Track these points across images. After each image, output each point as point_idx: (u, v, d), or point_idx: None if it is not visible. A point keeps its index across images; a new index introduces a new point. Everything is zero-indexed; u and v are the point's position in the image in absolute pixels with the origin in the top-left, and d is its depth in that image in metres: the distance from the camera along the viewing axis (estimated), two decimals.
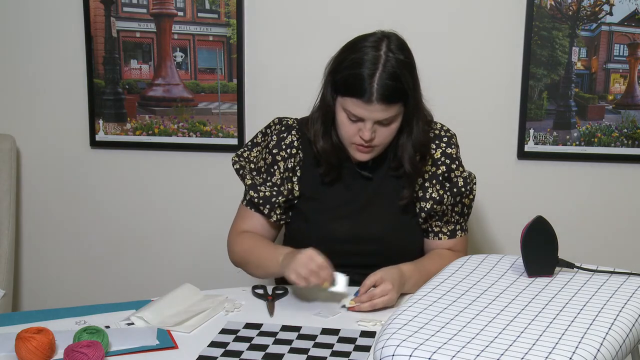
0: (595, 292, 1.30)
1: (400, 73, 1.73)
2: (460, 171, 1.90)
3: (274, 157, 1.91)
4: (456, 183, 1.88)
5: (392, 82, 1.72)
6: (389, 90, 1.71)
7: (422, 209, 1.88)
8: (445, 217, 1.91)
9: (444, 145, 1.89)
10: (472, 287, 1.33)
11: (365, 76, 1.71)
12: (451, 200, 1.88)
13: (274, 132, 1.94)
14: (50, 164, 2.64)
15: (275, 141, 1.92)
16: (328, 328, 1.61)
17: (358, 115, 1.75)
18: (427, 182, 1.88)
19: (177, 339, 1.57)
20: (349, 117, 1.77)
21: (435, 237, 1.93)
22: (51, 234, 2.69)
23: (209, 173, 2.58)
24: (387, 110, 1.74)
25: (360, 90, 1.72)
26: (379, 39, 1.76)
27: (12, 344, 1.47)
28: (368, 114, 1.74)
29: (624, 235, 2.46)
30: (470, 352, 1.08)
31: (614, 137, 2.37)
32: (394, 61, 1.73)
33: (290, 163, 1.91)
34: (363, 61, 1.73)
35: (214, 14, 2.44)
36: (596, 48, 2.33)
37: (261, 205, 1.91)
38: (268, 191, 1.91)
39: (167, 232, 2.65)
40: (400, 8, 2.36)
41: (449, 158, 1.89)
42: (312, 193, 1.92)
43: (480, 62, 2.38)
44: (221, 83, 2.48)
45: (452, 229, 1.93)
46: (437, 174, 1.88)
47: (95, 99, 2.54)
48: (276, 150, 1.91)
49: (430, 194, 1.87)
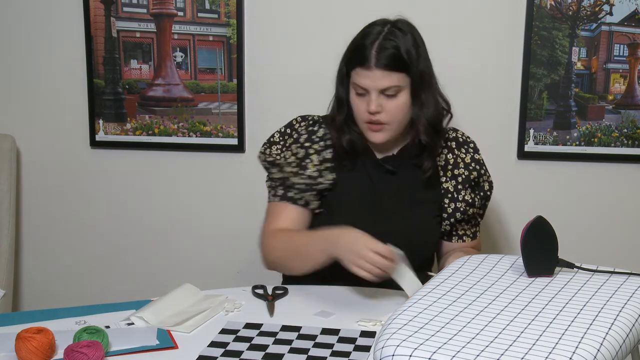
0: (595, 292, 1.30)
1: (400, 43, 1.80)
2: (487, 176, 1.97)
3: (306, 150, 1.92)
4: (483, 187, 1.96)
5: (391, 49, 1.79)
6: (387, 57, 1.78)
7: (456, 209, 1.91)
8: (473, 220, 1.97)
9: (472, 150, 1.96)
10: (472, 287, 1.33)
11: (367, 44, 1.80)
12: (480, 203, 1.95)
13: (302, 127, 1.96)
14: (50, 164, 2.64)
15: (307, 135, 1.94)
16: (328, 328, 1.61)
17: (362, 86, 1.80)
18: (460, 185, 1.92)
19: (177, 339, 1.57)
20: (357, 93, 1.83)
21: (459, 239, 1.97)
22: (51, 234, 2.69)
23: (209, 173, 2.58)
24: (388, 78, 1.78)
25: (362, 58, 1.79)
26: (387, 21, 1.86)
27: (12, 344, 1.47)
28: (370, 81, 1.79)
29: (624, 235, 2.46)
30: (470, 352, 1.08)
31: (614, 137, 2.37)
32: (397, 34, 1.81)
33: (326, 154, 1.92)
34: (366, 34, 1.83)
35: (214, 14, 2.44)
36: (596, 48, 2.33)
37: (298, 195, 1.89)
38: (304, 182, 1.90)
39: (167, 232, 2.65)
40: (400, 8, 2.35)
41: (478, 164, 1.95)
42: (339, 187, 1.92)
43: (480, 62, 2.38)
44: (221, 83, 2.48)
45: (474, 230, 1.99)
46: (470, 178, 1.93)
47: (95, 99, 2.54)
48: (309, 144, 1.92)
49: (463, 197, 1.92)
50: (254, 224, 2.47)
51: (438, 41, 2.38)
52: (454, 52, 2.38)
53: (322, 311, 1.71)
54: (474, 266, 1.44)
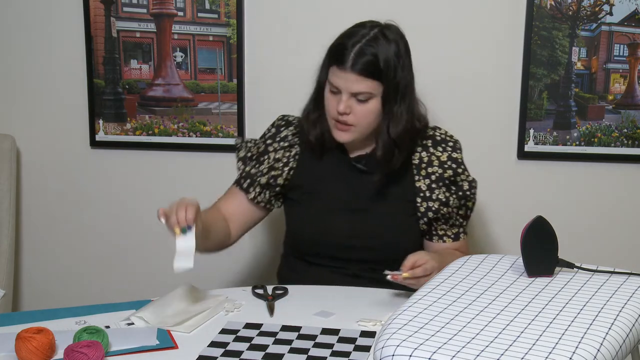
0: (595, 292, 1.30)
1: (380, 51, 1.79)
2: (466, 175, 1.93)
3: (266, 147, 1.99)
4: (462, 187, 1.91)
5: (369, 56, 1.78)
6: (364, 63, 1.78)
7: (429, 208, 1.89)
8: (451, 220, 1.94)
9: (449, 149, 1.93)
10: (472, 287, 1.33)
11: (348, 45, 1.80)
12: (457, 203, 1.91)
13: (274, 126, 2.03)
14: (50, 164, 2.64)
15: (272, 133, 2.01)
16: (328, 328, 1.61)
17: (336, 85, 1.81)
18: (433, 184, 1.90)
19: (177, 339, 1.57)
20: (330, 90, 1.84)
21: (439, 239, 1.94)
22: (51, 234, 2.69)
23: (209, 173, 2.58)
24: (360, 83, 1.78)
25: (339, 58, 1.80)
26: (376, 25, 1.85)
27: (12, 344, 1.47)
28: (343, 83, 1.79)
29: (624, 235, 2.46)
30: (470, 352, 1.08)
31: (614, 137, 2.37)
32: (380, 42, 1.80)
33: (281, 154, 1.96)
34: (353, 34, 1.83)
35: (214, 14, 2.44)
36: (596, 48, 2.33)
37: (242, 179, 1.98)
38: (254, 170, 1.97)
39: (167, 232, 2.64)
40: (400, 7, 2.36)
41: (455, 162, 1.92)
42: (310, 187, 1.94)
43: (480, 62, 2.38)
44: (221, 83, 2.48)
45: (456, 232, 1.96)
46: (444, 176, 1.90)
47: (95, 99, 2.54)
48: (270, 142, 1.99)
49: (437, 195, 1.89)
50: None
51: (438, 41, 2.39)
52: (453, 52, 2.38)
53: (322, 311, 1.71)
54: (474, 266, 1.44)
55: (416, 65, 1.91)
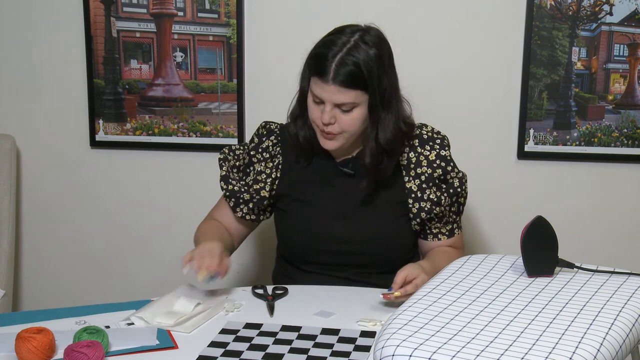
0: (595, 292, 1.30)
1: (362, 60, 1.73)
2: (456, 172, 1.91)
3: (250, 158, 1.98)
4: (452, 184, 1.90)
5: (351, 66, 1.73)
6: (346, 74, 1.73)
7: (421, 209, 1.88)
8: (444, 218, 1.92)
9: (437, 147, 1.90)
10: (472, 287, 1.33)
11: (329, 56, 1.74)
12: (448, 201, 1.89)
13: (257, 135, 2.00)
14: (50, 164, 2.64)
15: (255, 144, 1.98)
16: (328, 328, 1.61)
17: (318, 96, 1.78)
18: (424, 184, 1.88)
19: (177, 339, 1.57)
20: (313, 100, 1.80)
21: (434, 238, 1.93)
22: (51, 233, 2.69)
23: (209, 173, 2.58)
24: (344, 94, 1.74)
25: (321, 69, 1.75)
26: (356, 30, 1.79)
27: (12, 344, 1.47)
28: (326, 95, 1.76)
29: (624, 235, 2.46)
30: (470, 352, 1.08)
31: (614, 137, 2.37)
32: (361, 49, 1.74)
33: (263, 166, 1.95)
34: (330, 43, 1.77)
35: (214, 14, 2.44)
36: (596, 48, 2.33)
37: (227, 198, 1.97)
38: (237, 186, 1.95)
39: (167, 232, 2.65)
40: (400, 8, 2.36)
41: (444, 160, 1.89)
42: (298, 194, 1.92)
43: (480, 62, 2.38)
44: (221, 83, 2.48)
45: (450, 228, 1.95)
46: (433, 176, 1.88)
47: (95, 99, 2.54)
48: (253, 152, 1.97)
49: (428, 195, 1.87)
50: None
51: (438, 41, 2.39)
52: (453, 52, 2.38)
53: (322, 311, 1.71)
54: (474, 266, 1.44)
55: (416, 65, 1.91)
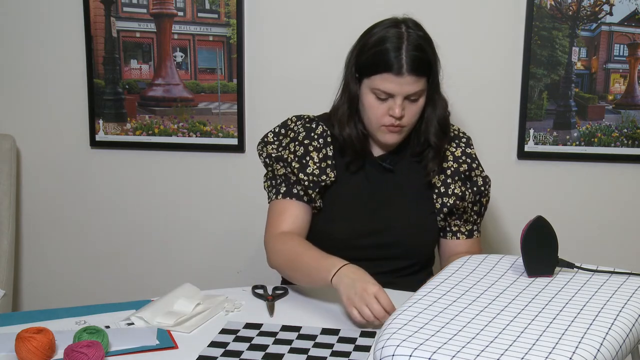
0: (595, 292, 1.30)
1: (424, 45, 1.80)
2: (480, 171, 1.94)
3: (306, 147, 1.90)
4: (476, 182, 1.93)
5: (419, 53, 1.78)
6: (417, 61, 1.77)
7: (444, 204, 1.90)
8: (465, 216, 1.94)
9: (463, 145, 1.94)
10: (472, 287, 1.33)
11: (392, 50, 1.77)
12: (472, 198, 1.92)
13: (299, 126, 1.93)
14: (50, 164, 2.64)
15: (305, 133, 1.92)
16: (328, 328, 1.61)
17: (389, 91, 1.78)
18: (449, 179, 1.90)
19: (177, 339, 1.57)
20: (377, 97, 1.81)
21: (453, 236, 1.94)
22: (51, 233, 2.69)
23: (209, 173, 2.58)
24: (416, 83, 1.78)
25: (389, 64, 1.77)
26: (396, 21, 1.84)
27: (12, 344, 1.47)
28: (399, 87, 1.78)
29: (624, 235, 2.46)
30: (470, 352, 1.08)
31: (614, 137, 2.37)
32: (415, 36, 1.80)
33: (325, 151, 1.90)
34: (387, 38, 1.80)
35: (214, 14, 2.44)
36: (596, 48, 2.33)
37: (302, 192, 1.88)
38: (307, 179, 1.88)
39: (167, 232, 2.65)
40: (401, 8, 2.36)
41: (470, 157, 1.93)
42: (335, 183, 1.92)
43: (480, 62, 2.38)
44: (221, 83, 2.48)
45: (470, 228, 1.96)
46: (459, 170, 1.91)
47: (95, 99, 2.54)
48: (308, 141, 1.91)
49: (452, 190, 1.90)
50: (254, 223, 2.48)
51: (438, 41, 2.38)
52: (454, 52, 2.38)
53: (322, 311, 1.71)
54: (474, 266, 1.44)
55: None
